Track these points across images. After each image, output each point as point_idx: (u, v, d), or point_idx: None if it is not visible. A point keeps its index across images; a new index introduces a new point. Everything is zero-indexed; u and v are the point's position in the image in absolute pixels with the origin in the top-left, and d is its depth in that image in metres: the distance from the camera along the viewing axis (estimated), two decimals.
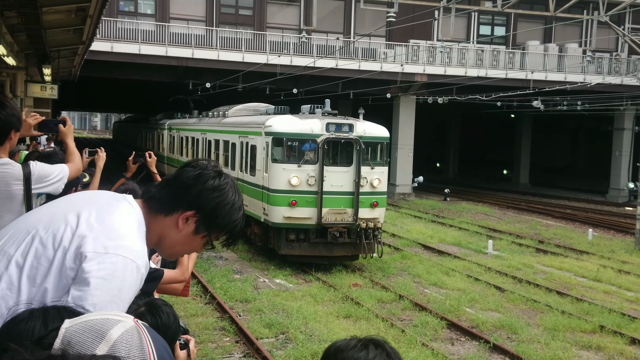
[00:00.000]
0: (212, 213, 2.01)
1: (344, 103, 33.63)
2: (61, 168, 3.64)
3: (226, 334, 10.36)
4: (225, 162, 19.36)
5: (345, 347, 1.54)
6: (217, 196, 2.01)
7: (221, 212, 2.02)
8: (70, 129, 3.90)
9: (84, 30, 12.15)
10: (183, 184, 2.02)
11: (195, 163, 2.08)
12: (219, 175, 2.05)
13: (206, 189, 2.00)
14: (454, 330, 11.13)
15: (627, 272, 16.15)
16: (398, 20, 23.04)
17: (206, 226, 2.03)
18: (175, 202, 2.01)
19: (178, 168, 2.12)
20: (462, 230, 22.46)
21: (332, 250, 15.06)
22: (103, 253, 1.80)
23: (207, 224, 2.03)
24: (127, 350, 1.35)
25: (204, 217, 2.01)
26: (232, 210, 2.04)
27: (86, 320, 1.38)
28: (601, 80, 30.19)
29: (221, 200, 2.02)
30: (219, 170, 2.08)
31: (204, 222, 2.02)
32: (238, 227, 2.09)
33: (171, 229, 2.02)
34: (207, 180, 2.01)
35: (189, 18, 31.18)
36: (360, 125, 15.47)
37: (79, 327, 1.36)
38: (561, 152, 47.74)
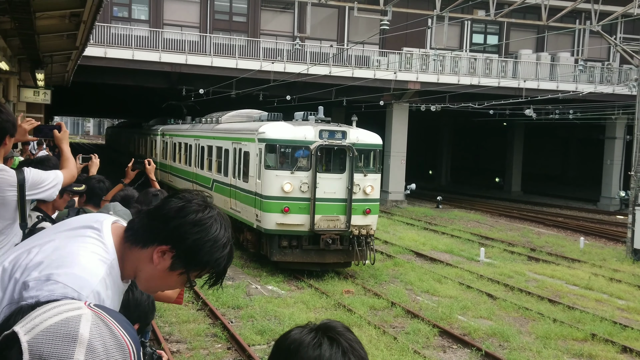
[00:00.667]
0: (190, 249, 1.86)
1: (337, 110, 33.70)
2: (55, 174, 3.62)
3: (218, 340, 10.33)
4: (219, 169, 19.35)
5: (301, 343, 1.43)
6: (196, 232, 1.85)
7: (201, 249, 1.86)
8: (65, 135, 3.88)
9: (77, 35, 12.13)
10: (163, 215, 1.88)
11: (181, 195, 1.94)
12: (202, 209, 1.88)
13: (185, 223, 1.85)
14: (446, 337, 11.13)
15: (618, 281, 16.21)
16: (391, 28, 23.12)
17: (183, 263, 1.88)
18: (152, 234, 1.88)
19: (163, 198, 1.99)
20: (454, 237, 22.49)
21: (324, 257, 15.05)
22: (44, 281, 1.71)
23: (184, 260, 1.88)
24: (103, 345, 1.29)
25: (181, 253, 1.87)
26: (213, 248, 1.87)
27: (45, 327, 1.30)
28: (593, 89, 30.39)
29: (201, 237, 1.85)
30: (204, 203, 1.92)
31: (180, 258, 1.87)
32: (222, 265, 1.93)
33: (146, 263, 1.89)
34: (189, 214, 1.86)
35: (182, 24, 31.20)
36: (353, 132, 15.50)
37: (43, 337, 1.28)
38: (553, 160, 47.96)
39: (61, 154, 3.89)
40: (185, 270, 1.90)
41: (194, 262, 1.89)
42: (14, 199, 3.40)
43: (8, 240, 3.45)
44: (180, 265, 1.89)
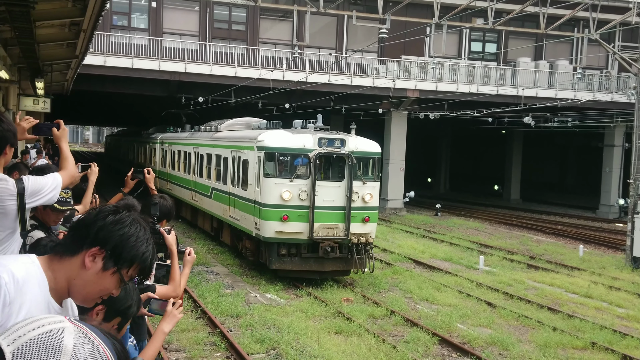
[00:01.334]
0: (117, 246, 2.02)
1: (336, 118, 33.75)
2: (53, 178, 3.62)
3: (217, 349, 10.30)
4: (218, 177, 19.36)
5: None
6: (119, 229, 2.02)
7: (126, 244, 2.02)
8: (64, 133, 3.86)
9: (77, 44, 12.17)
10: (85, 223, 2.05)
11: (97, 207, 2.13)
12: (119, 211, 2.07)
13: (107, 223, 2.02)
14: (445, 346, 11.10)
15: (617, 289, 16.19)
16: (390, 36, 23.22)
17: (114, 261, 2.02)
18: (79, 241, 2.03)
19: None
20: (454, 245, 22.48)
21: (323, 265, 15.03)
22: None
23: (114, 258, 2.02)
24: (85, 357, 1.34)
25: (110, 252, 2.01)
26: (138, 243, 2.03)
27: (29, 339, 1.35)
28: (591, 97, 30.47)
29: (124, 233, 2.02)
30: (117, 208, 2.11)
31: (110, 257, 2.01)
32: (148, 260, 2.08)
33: (79, 269, 2.02)
34: (107, 216, 2.04)
35: (182, 33, 31.28)
36: (352, 140, 15.51)
37: (27, 348, 1.32)
38: (551, 168, 48.01)
39: (60, 153, 3.88)
40: (117, 267, 2.03)
41: (123, 258, 2.03)
42: (14, 208, 3.40)
43: (9, 249, 3.46)
44: (112, 264, 2.02)
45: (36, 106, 17.68)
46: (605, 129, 34.46)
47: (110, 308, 2.78)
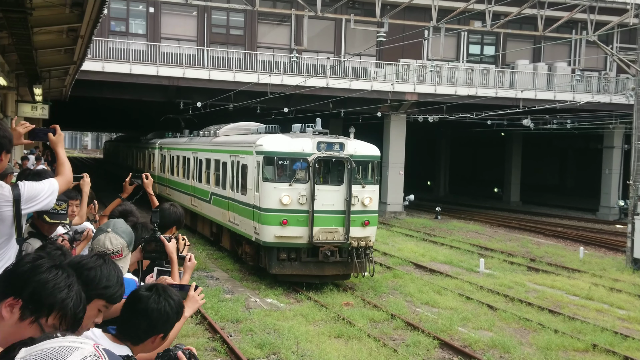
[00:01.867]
0: (33, 293, 1.91)
1: (335, 122, 33.74)
2: (50, 183, 3.59)
3: (217, 354, 10.26)
4: (217, 182, 19.33)
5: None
6: (35, 276, 1.92)
7: (43, 291, 1.91)
8: (60, 138, 3.81)
9: (75, 50, 12.16)
10: (3, 273, 1.98)
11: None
12: (38, 258, 1.98)
13: (21, 271, 1.93)
14: (446, 349, 11.06)
15: (618, 290, 16.16)
16: (388, 39, 23.21)
17: (31, 311, 1.91)
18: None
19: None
20: (454, 248, 22.45)
21: (323, 270, 14.99)
22: None
23: (31, 308, 1.91)
24: None
25: (27, 301, 1.90)
26: (55, 289, 1.92)
27: (42, 349, 1.35)
28: (590, 99, 30.48)
29: (39, 279, 1.92)
30: (39, 255, 2.03)
31: (27, 306, 1.91)
32: (69, 307, 1.95)
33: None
34: (24, 264, 1.95)
35: (180, 38, 31.28)
36: (351, 144, 15.50)
37: (34, 356, 1.33)
38: (551, 170, 48.00)
39: (56, 158, 3.85)
40: (34, 317, 1.91)
41: (40, 307, 1.91)
42: (10, 214, 3.37)
43: (5, 256, 3.43)
44: (29, 313, 1.91)
45: (34, 112, 17.67)
46: (604, 131, 34.45)
47: (86, 292, 2.74)
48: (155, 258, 3.68)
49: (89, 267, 2.60)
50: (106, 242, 3.30)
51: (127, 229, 3.51)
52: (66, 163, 3.81)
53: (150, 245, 3.73)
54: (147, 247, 3.75)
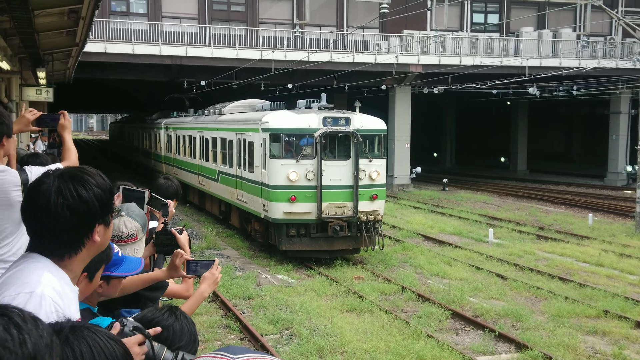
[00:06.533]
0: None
1: (340, 96, 33.58)
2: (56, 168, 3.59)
3: (231, 331, 10.36)
4: (224, 160, 19.33)
5: None
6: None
7: None
8: (68, 123, 3.82)
9: (77, 32, 12.08)
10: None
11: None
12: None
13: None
14: (458, 320, 11.13)
15: (628, 256, 16.16)
16: (391, 11, 22.97)
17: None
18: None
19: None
20: (462, 219, 22.46)
21: (333, 244, 15.04)
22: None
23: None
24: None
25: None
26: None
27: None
28: (596, 65, 30.17)
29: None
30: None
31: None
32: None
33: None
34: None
35: (181, 16, 31.08)
36: (356, 118, 15.43)
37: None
38: (558, 137, 47.76)
39: (63, 144, 3.85)
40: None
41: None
42: (19, 199, 3.36)
43: (17, 241, 3.43)
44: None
45: (39, 96, 17.64)
46: (611, 96, 34.16)
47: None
48: (168, 252, 3.67)
49: (162, 327, 2.47)
50: (121, 225, 3.31)
51: (140, 212, 3.52)
52: (72, 149, 3.82)
53: (162, 239, 3.72)
54: (159, 240, 3.73)
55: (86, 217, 2.04)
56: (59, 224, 2.00)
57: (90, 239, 2.08)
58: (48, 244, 2.04)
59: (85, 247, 2.09)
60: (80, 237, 2.07)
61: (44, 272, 2.01)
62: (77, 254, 2.09)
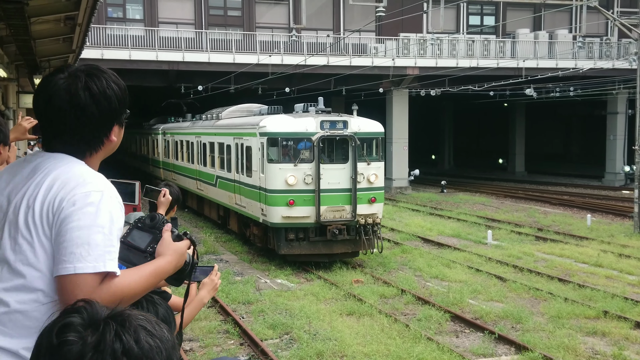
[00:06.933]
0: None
1: (337, 100, 33.61)
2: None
3: (230, 336, 10.34)
4: (221, 165, 19.32)
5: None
6: None
7: None
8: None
9: (73, 38, 12.08)
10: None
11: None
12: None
13: None
14: (458, 322, 11.12)
15: (627, 256, 16.17)
16: (387, 14, 23.03)
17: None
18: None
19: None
20: (461, 221, 22.46)
21: (332, 248, 15.03)
22: None
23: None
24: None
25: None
26: None
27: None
28: (593, 65, 30.23)
29: None
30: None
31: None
32: None
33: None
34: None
35: (178, 22, 31.11)
36: (354, 121, 15.44)
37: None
38: (556, 138, 47.82)
39: None
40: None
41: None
42: None
43: None
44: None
45: None
46: (607, 97, 34.22)
47: None
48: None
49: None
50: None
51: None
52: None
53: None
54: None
55: (108, 113, 2.05)
56: (85, 120, 2.00)
57: (109, 137, 2.09)
58: (71, 143, 2.03)
59: (104, 146, 2.10)
60: (100, 135, 2.07)
61: (90, 170, 2.02)
62: (97, 152, 2.09)
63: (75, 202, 1.88)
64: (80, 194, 1.89)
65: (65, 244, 1.85)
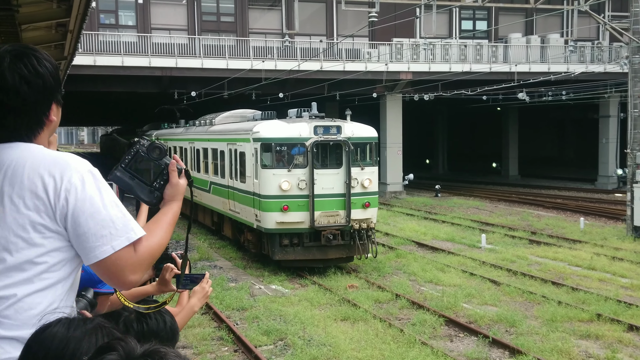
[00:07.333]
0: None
1: (331, 105, 33.65)
2: None
3: (224, 343, 10.31)
4: (215, 170, 19.31)
5: None
6: None
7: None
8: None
9: (65, 45, 12.06)
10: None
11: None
12: None
13: None
14: (452, 326, 11.12)
15: (620, 259, 16.22)
16: (380, 19, 23.09)
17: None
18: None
19: None
20: (455, 225, 22.49)
21: (326, 253, 15.02)
22: None
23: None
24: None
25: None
26: None
27: None
28: (584, 69, 30.38)
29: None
30: None
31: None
32: None
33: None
34: None
35: (170, 28, 31.10)
36: (348, 126, 15.46)
37: None
38: (549, 142, 47.98)
39: None
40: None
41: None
42: None
43: None
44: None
45: None
46: (600, 100, 34.37)
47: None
48: (172, 275, 3.61)
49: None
50: None
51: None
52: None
53: (163, 263, 3.67)
54: (159, 264, 3.68)
55: (43, 92, 1.99)
56: (19, 102, 1.94)
57: (48, 117, 2.05)
58: (10, 128, 1.97)
59: (45, 127, 2.05)
60: (40, 116, 2.02)
61: (58, 152, 2.01)
62: (40, 134, 2.04)
63: (77, 190, 1.90)
64: (68, 176, 1.90)
65: (90, 232, 1.89)
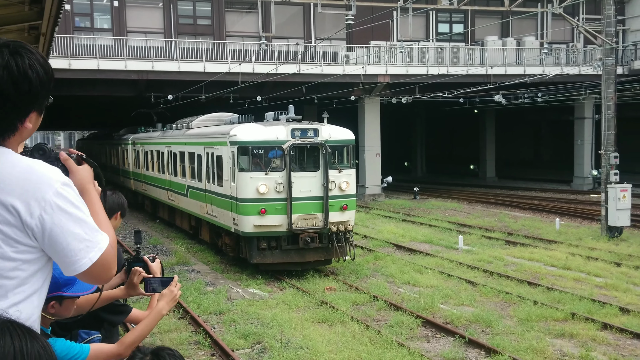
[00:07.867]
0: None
1: (309, 108, 33.68)
2: None
3: (201, 347, 10.25)
4: (192, 174, 19.20)
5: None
6: None
7: None
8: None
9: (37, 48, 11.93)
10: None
11: None
12: None
13: None
14: (429, 327, 11.18)
15: (595, 259, 16.43)
16: (357, 22, 23.18)
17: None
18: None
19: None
20: (433, 227, 22.62)
21: (304, 256, 15.01)
22: None
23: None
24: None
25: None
26: None
27: None
28: (559, 72, 30.75)
29: None
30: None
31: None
32: None
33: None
34: None
35: (147, 31, 30.89)
36: (325, 129, 15.48)
37: None
38: (526, 144, 48.51)
39: None
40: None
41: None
42: None
43: None
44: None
45: None
46: (575, 102, 34.84)
47: None
48: (140, 279, 3.55)
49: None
50: None
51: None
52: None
53: (134, 266, 3.62)
54: (131, 267, 3.62)
55: (27, 97, 1.91)
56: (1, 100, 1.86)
57: (23, 123, 1.97)
58: None
59: (17, 132, 1.97)
60: (14, 120, 1.93)
61: (30, 159, 1.97)
62: (8, 139, 1.96)
63: (52, 208, 1.88)
64: (50, 197, 1.87)
65: (69, 247, 1.91)
